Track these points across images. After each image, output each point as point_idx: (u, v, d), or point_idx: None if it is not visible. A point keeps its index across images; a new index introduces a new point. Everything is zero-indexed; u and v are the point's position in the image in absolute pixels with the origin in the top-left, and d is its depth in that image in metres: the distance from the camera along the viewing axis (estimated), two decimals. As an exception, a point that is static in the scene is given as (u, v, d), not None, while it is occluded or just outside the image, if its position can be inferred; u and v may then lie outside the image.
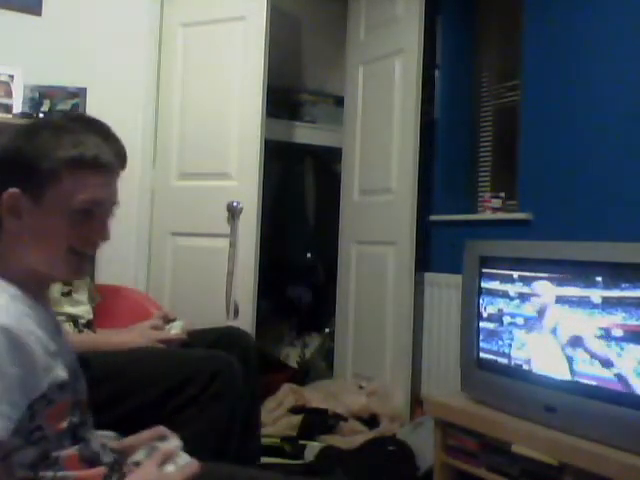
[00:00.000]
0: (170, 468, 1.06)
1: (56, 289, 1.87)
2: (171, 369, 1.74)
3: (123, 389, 1.69)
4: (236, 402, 1.73)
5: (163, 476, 1.04)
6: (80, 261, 1.03)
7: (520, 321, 2.15)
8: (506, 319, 2.20)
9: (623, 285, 1.81)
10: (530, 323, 2.11)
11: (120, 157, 1.02)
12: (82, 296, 2.00)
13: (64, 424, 0.97)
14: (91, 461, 1.02)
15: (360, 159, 3.46)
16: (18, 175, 0.97)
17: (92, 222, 1.01)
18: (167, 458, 1.06)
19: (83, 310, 1.98)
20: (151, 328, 1.92)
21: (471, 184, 3.32)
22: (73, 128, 1.02)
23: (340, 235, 3.58)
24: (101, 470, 1.03)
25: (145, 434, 1.18)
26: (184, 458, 1.09)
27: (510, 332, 2.19)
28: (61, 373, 0.97)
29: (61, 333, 1.07)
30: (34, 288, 1.00)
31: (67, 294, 1.92)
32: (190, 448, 1.14)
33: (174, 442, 1.13)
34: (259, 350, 2.13)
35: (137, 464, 1.09)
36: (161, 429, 1.16)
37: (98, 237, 1.03)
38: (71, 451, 0.98)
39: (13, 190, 0.96)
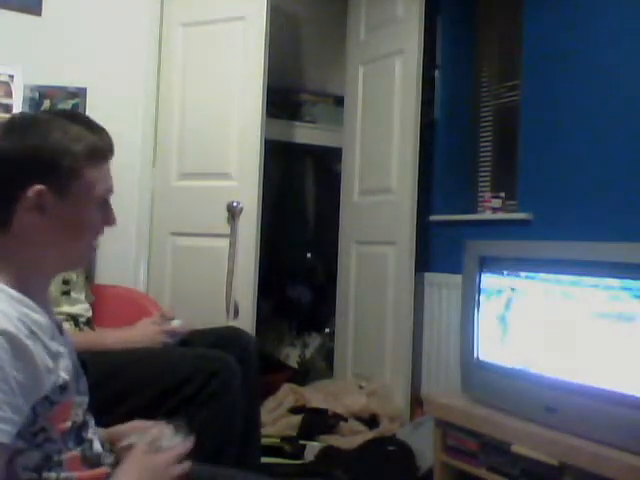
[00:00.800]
0: (164, 443, 1.07)
1: (55, 288, 1.87)
2: (169, 369, 1.74)
3: (122, 389, 1.69)
4: (235, 402, 1.73)
5: (153, 458, 1.05)
6: (94, 249, 1.08)
7: (520, 321, 2.15)
8: (506, 319, 2.20)
9: (624, 285, 1.81)
10: (530, 323, 2.11)
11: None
12: (80, 294, 2.00)
13: (68, 424, 0.97)
14: (93, 462, 1.02)
15: (360, 159, 3.46)
16: (39, 173, 0.97)
17: (107, 211, 1.06)
18: (156, 440, 1.07)
19: (82, 308, 1.98)
20: (152, 324, 1.92)
21: (471, 184, 3.32)
22: (68, 122, 1.03)
23: (340, 235, 3.58)
24: (103, 471, 1.03)
25: (132, 423, 1.19)
26: (175, 439, 1.09)
27: (510, 332, 2.19)
28: (62, 374, 0.97)
29: (62, 332, 1.07)
30: (34, 287, 1.00)
31: (66, 293, 1.92)
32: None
33: (163, 427, 1.12)
34: (259, 350, 2.13)
35: (130, 447, 1.09)
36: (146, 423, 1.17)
37: (111, 223, 1.07)
38: (73, 452, 0.98)
39: (39, 187, 0.96)
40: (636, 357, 1.78)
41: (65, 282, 1.91)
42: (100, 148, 1.03)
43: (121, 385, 1.70)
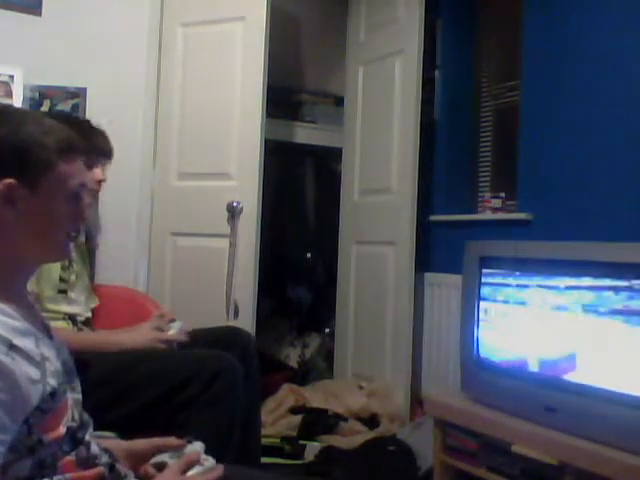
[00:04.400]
0: (194, 471, 1.06)
1: (52, 286, 1.86)
2: (173, 369, 1.74)
3: (125, 390, 1.69)
4: (237, 402, 1.73)
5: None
6: (70, 243, 1.06)
7: (520, 321, 2.15)
8: (506, 319, 2.20)
9: (624, 285, 1.81)
10: (530, 323, 2.11)
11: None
12: (80, 296, 1.99)
13: (62, 430, 0.95)
14: (88, 465, 1.00)
15: (360, 159, 3.46)
16: (10, 165, 0.96)
17: (79, 205, 1.04)
18: (191, 464, 1.07)
19: (79, 309, 1.97)
20: (152, 329, 1.92)
21: (471, 184, 3.32)
22: (42, 116, 1.03)
23: (340, 235, 3.58)
24: (99, 470, 1.02)
25: (152, 440, 1.18)
26: (210, 462, 1.09)
27: (510, 332, 2.19)
28: (50, 381, 0.93)
29: (50, 335, 1.04)
30: (10, 290, 0.96)
31: (63, 291, 1.91)
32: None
33: (198, 446, 1.13)
34: (259, 350, 2.13)
35: (160, 465, 1.09)
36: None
37: (84, 219, 1.07)
38: (68, 458, 0.96)
39: (9, 180, 0.95)
40: (636, 357, 1.78)
41: (62, 280, 1.90)
42: (73, 142, 1.01)
43: (124, 385, 1.70)
